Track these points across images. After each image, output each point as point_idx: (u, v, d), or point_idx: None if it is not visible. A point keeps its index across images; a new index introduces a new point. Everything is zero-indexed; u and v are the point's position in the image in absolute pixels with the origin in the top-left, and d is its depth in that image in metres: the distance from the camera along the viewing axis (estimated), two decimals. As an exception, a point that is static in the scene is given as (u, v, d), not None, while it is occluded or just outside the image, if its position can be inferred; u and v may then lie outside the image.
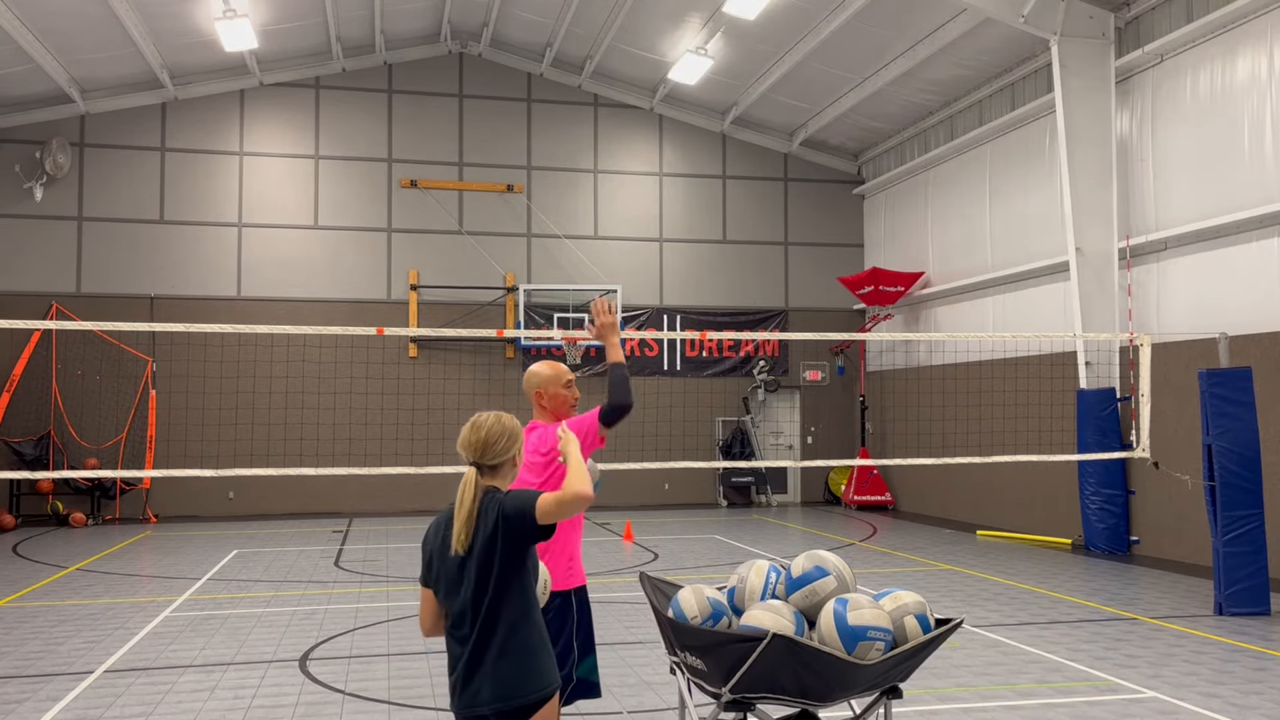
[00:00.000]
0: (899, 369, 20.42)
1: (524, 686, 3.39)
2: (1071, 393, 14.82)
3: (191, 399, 18.88)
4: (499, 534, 3.39)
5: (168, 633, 9.07)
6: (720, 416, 21.34)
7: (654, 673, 7.58)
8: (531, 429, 4.89)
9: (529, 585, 3.48)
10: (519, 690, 3.39)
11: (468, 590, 3.42)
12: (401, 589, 11.27)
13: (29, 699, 6.97)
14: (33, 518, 18.03)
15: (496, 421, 3.61)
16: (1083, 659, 7.97)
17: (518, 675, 3.39)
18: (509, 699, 3.38)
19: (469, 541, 3.41)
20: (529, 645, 3.43)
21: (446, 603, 3.51)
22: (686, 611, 4.50)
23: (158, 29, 17.09)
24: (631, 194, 21.35)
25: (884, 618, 4.13)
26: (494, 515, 3.42)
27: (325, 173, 20.03)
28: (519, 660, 3.40)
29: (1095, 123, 14.34)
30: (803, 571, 4.38)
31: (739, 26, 17.34)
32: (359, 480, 19.26)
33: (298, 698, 7.01)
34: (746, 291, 21.72)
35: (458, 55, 20.81)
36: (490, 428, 3.59)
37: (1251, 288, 12.24)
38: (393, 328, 12.70)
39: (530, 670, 3.41)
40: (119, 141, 19.19)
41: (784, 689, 4.04)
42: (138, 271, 19.08)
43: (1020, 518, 16.26)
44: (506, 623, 3.41)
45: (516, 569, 3.43)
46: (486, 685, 3.39)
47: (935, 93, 18.50)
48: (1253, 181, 12.21)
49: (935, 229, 19.38)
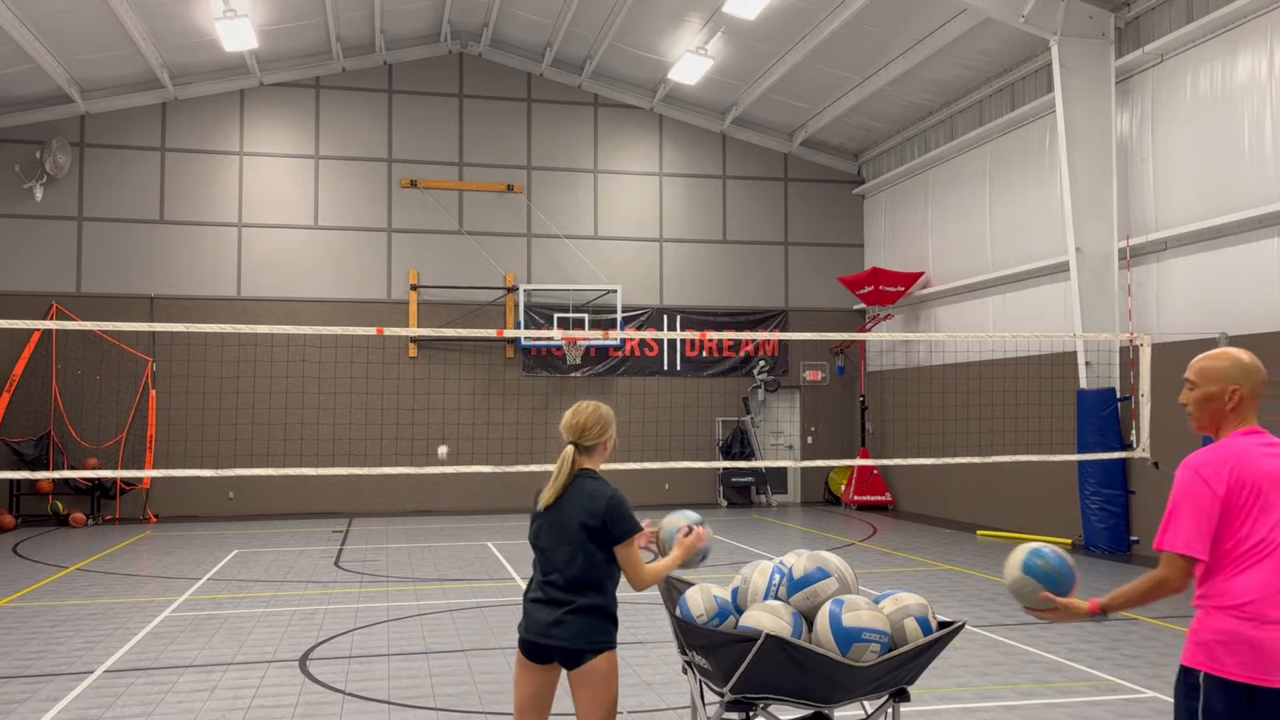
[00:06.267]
0: (899, 369, 20.42)
1: (592, 636, 4.07)
2: (1071, 393, 14.82)
3: (191, 399, 18.88)
4: (598, 522, 4.10)
5: (168, 633, 9.07)
6: (720, 416, 21.34)
7: (654, 673, 7.58)
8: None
9: (611, 562, 4.16)
10: (589, 639, 4.07)
11: (566, 550, 4.12)
12: (401, 589, 11.27)
13: (29, 699, 6.97)
14: (33, 518, 18.03)
15: (595, 410, 4.28)
16: (1083, 659, 7.97)
17: (587, 629, 4.07)
18: (582, 642, 4.07)
19: (559, 503, 4.15)
20: (599, 608, 4.10)
21: (544, 554, 4.19)
22: (693, 610, 4.50)
23: (158, 29, 17.08)
24: (631, 194, 21.35)
25: (881, 620, 4.13)
26: (600, 506, 4.12)
27: (325, 173, 20.02)
28: (588, 618, 4.08)
29: (1095, 123, 14.34)
30: (804, 573, 4.38)
31: (739, 26, 17.34)
32: (359, 480, 19.26)
33: (298, 698, 7.01)
34: (746, 291, 21.71)
35: (458, 55, 20.81)
36: (589, 414, 4.26)
37: (1251, 288, 12.24)
38: (393, 328, 12.73)
39: (596, 628, 4.09)
40: (119, 141, 19.19)
41: (783, 689, 4.04)
42: (138, 271, 19.08)
43: (1020, 518, 16.26)
44: (591, 584, 4.10)
45: (605, 550, 4.15)
46: (562, 626, 4.07)
47: (935, 93, 18.50)
48: (1253, 181, 12.21)
49: (935, 229, 19.38)
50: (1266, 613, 3.15)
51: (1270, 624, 3.15)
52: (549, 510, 4.19)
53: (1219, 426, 3.40)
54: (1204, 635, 3.24)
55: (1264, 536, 3.19)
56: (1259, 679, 3.13)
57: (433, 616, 9.74)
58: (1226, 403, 3.36)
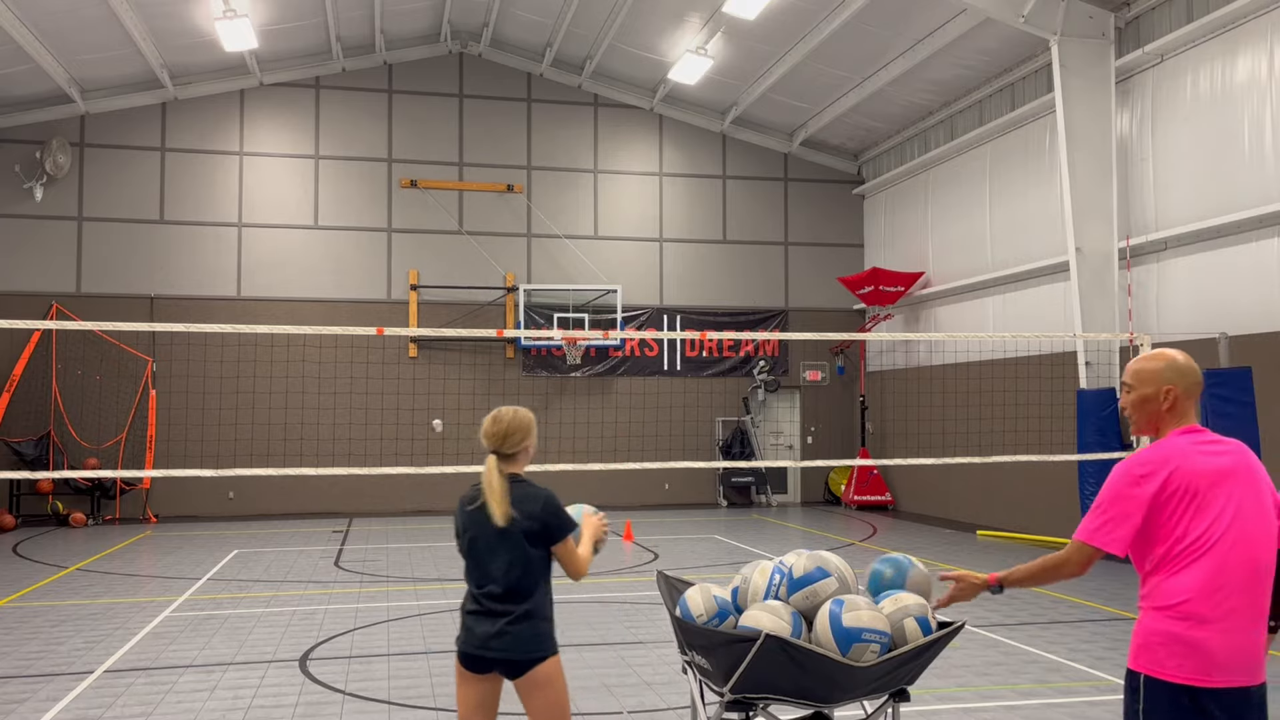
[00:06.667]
0: (899, 369, 20.42)
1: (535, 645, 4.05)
2: (1071, 393, 14.82)
3: (191, 399, 18.88)
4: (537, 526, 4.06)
5: (168, 633, 9.07)
6: (720, 416, 21.33)
7: (654, 673, 7.58)
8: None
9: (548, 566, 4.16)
10: (532, 647, 4.05)
11: (505, 559, 4.07)
12: (401, 589, 11.27)
13: (29, 699, 6.97)
14: (33, 518, 18.03)
15: (515, 415, 4.22)
16: (1083, 659, 7.97)
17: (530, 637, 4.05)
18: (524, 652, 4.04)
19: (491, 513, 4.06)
20: (538, 614, 4.08)
21: (479, 566, 4.15)
22: (693, 610, 4.50)
23: (158, 29, 17.08)
24: (631, 194, 21.35)
25: (881, 620, 4.12)
26: (537, 510, 4.07)
27: (325, 173, 20.03)
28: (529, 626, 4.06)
29: (1095, 123, 14.34)
30: (804, 572, 4.37)
31: (739, 26, 17.34)
32: (359, 480, 19.25)
33: (298, 698, 7.01)
34: (746, 291, 21.71)
35: (458, 55, 20.81)
36: (510, 420, 4.20)
37: (1251, 288, 12.23)
38: (393, 328, 12.73)
39: (539, 634, 4.08)
40: (119, 141, 19.19)
41: (783, 690, 4.04)
42: (138, 271, 19.08)
43: (1020, 518, 16.26)
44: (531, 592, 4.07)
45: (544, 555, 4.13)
46: (504, 637, 4.03)
47: (935, 93, 18.50)
48: (1253, 181, 12.21)
49: (935, 229, 19.38)
50: (1201, 612, 3.14)
51: (1206, 624, 3.13)
52: (482, 520, 4.10)
53: (1158, 427, 3.42)
54: (1143, 637, 3.24)
55: (1199, 535, 3.18)
56: (1198, 679, 3.12)
57: (433, 616, 9.74)
58: (1162, 403, 3.38)
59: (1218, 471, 3.24)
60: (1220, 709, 3.11)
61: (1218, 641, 3.12)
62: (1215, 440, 3.34)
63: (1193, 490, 3.21)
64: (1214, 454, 3.29)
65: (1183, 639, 3.14)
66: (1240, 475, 3.26)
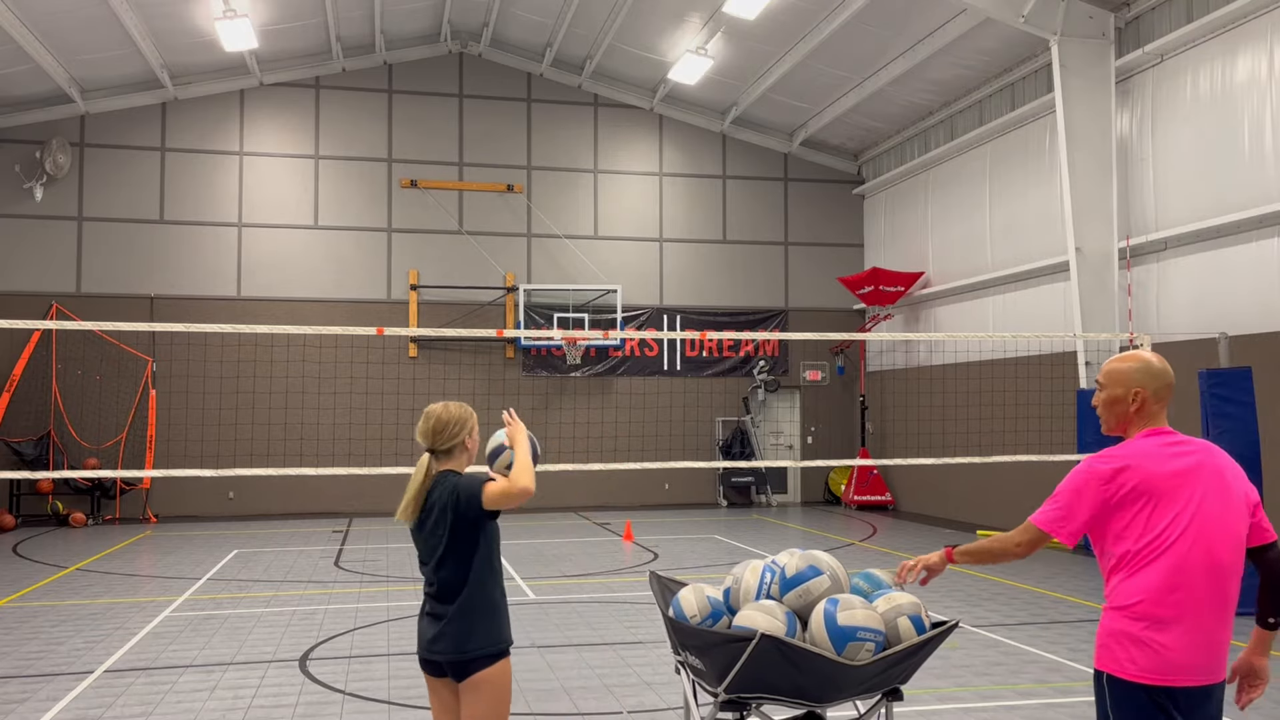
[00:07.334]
0: (899, 369, 20.42)
1: (473, 642, 3.87)
2: (1071, 393, 14.82)
3: (191, 399, 18.89)
4: (450, 511, 3.88)
5: (168, 633, 9.07)
6: (720, 416, 21.34)
7: (654, 673, 7.58)
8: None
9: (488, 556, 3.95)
10: (469, 645, 3.87)
11: (433, 556, 3.96)
12: (401, 589, 11.27)
13: (29, 699, 6.98)
14: (33, 518, 18.04)
15: (444, 410, 4.05)
16: (1082, 659, 7.97)
17: (467, 635, 3.88)
18: (461, 651, 3.87)
19: (417, 514, 3.98)
20: (480, 608, 3.90)
21: (423, 568, 4.05)
22: (686, 610, 4.50)
23: (158, 29, 17.09)
24: (631, 194, 21.35)
25: (875, 619, 4.13)
26: (449, 495, 3.89)
27: (325, 173, 20.03)
28: (466, 622, 3.88)
29: (1095, 123, 14.34)
30: (797, 571, 4.38)
31: (739, 26, 17.34)
32: (359, 480, 19.26)
33: (298, 698, 7.01)
34: (746, 291, 21.71)
35: (458, 55, 20.81)
36: (439, 416, 4.04)
37: (1251, 288, 12.23)
38: (393, 328, 12.72)
39: (478, 631, 3.89)
40: (119, 141, 19.20)
41: (778, 689, 4.05)
42: (138, 271, 19.09)
43: (1020, 518, 16.13)
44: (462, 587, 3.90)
45: (471, 543, 3.91)
46: (443, 639, 3.89)
47: (935, 93, 18.50)
48: (1252, 181, 12.21)
49: (935, 229, 19.38)
50: (1157, 613, 3.15)
51: (1164, 623, 3.14)
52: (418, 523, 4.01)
53: (1126, 428, 3.44)
54: (1104, 637, 3.27)
55: (1157, 535, 3.20)
56: (1156, 679, 3.14)
57: (432, 616, 9.74)
58: (1130, 405, 3.41)
59: (1180, 473, 3.26)
60: (1180, 708, 3.14)
61: (1176, 641, 3.14)
62: (1181, 441, 3.36)
63: (1153, 491, 3.23)
64: (1177, 455, 3.31)
65: (1139, 639, 3.17)
66: (1204, 475, 3.27)
